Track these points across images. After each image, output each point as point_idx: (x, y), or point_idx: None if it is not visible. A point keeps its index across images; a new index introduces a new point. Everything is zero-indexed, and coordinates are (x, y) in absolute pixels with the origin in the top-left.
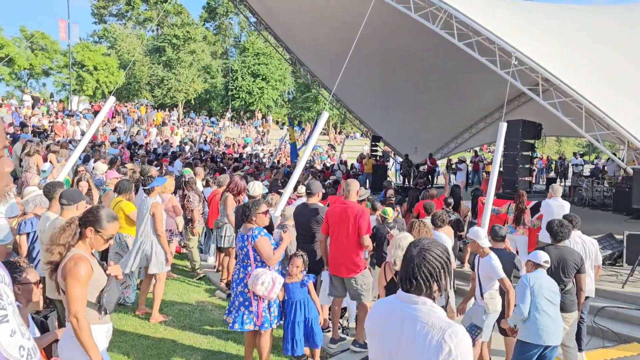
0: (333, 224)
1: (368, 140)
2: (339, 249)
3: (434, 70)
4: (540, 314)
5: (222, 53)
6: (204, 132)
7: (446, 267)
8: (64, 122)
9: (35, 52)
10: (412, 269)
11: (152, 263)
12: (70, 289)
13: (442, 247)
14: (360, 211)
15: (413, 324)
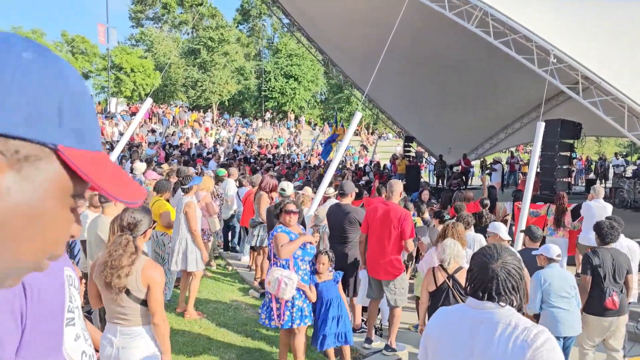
0: (374, 225)
1: (401, 140)
2: (379, 251)
3: (468, 70)
4: (554, 309)
5: (255, 55)
6: (238, 133)
7: (523, 277)
8: (102, 124)
9: (75, 55)
10: (497, 284)
11: (188, 261)
12: (155, 295)
13: (517, 257)
14: (404, 214)
15: (491, 327)
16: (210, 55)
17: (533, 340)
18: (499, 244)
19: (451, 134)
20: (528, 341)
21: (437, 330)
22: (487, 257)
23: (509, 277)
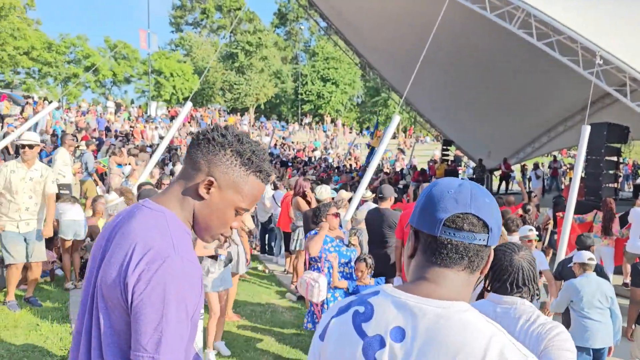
0: (408, 230)
1: (439, 144)
2: None
3: (509, 72)
4: (586, 320)
5: (292, 58)
6: (274, 136)
7: (537, 268)
8: (143, 127)
9: (118, 60)
10: (523, 275)
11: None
12: None
13: (530, 251)
14: None
15: (513, 322)
16: (247, 59)
17: (547, 332)
18: (510, 242)
19: (491, 137)
20: (542, 333)
21: None
22: (509, 250)
23: (530, 268)
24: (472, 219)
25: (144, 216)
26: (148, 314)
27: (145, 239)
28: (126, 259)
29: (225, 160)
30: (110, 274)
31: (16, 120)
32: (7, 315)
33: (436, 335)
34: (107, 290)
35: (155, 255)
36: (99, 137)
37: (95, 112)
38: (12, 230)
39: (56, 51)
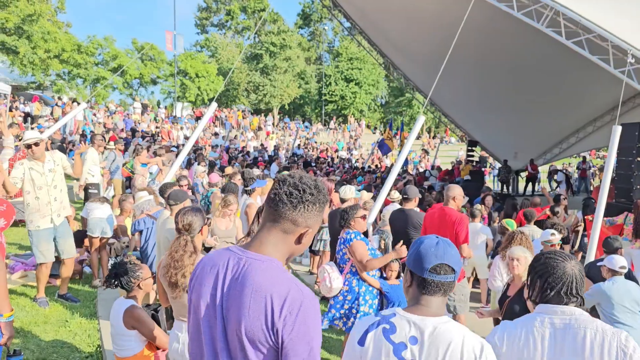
0: (431, 230)
1: (464, 144)
2: None
3: (536, 71)
4: (616, 324)
5: (316, 59)
6: (298, 137)
7: None
8: (169, 128)
9: (144, 62)
10: (576, 284)
11: None
12: None
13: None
14: (459, 218)
15: (578, 333)
16: (272, 60)
17: (625, 345)
18: (554, 249)
19: (517, 138)
20: (625, 350)
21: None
22: (560, 258)
23: (581, 276)
24: (445, 266)
25: (263, 269)
26: (299, 349)
27: (277, 290)
28: (268, 309)
29: (316, 211)
30: (255, 324)
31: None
32: (37, 312)
33: (435, 338)
34: (254, 337)
35: (293, 302)
36: (126, 137)
37: (122, 112)
38: (46, 226)
39: (85, 52)
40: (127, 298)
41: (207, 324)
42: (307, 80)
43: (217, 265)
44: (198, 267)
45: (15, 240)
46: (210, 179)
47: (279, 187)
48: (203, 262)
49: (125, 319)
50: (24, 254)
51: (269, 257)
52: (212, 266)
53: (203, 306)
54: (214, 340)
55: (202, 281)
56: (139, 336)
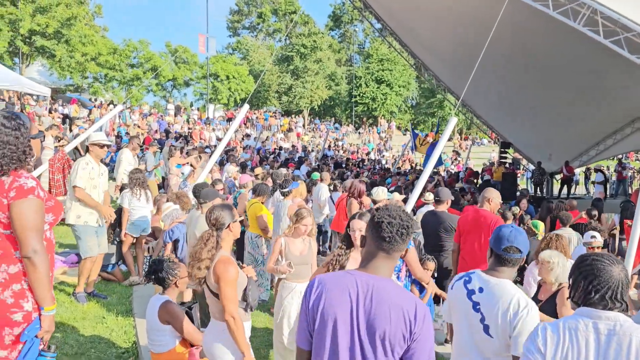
0: (465, 232)
1: (496, 146)
2: (469, 259)
3: (572, 71)
4: None
5: (346, 60)
6: (328, 138)
7: None
8: (201, 129)
9: (178, 65)
10: (622, 289)
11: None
12: (224, 291)
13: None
14: (494, 220)
15: (624, 341)
16: (302, 62)
17: None
18: (607, 254)
19: (552, 140)
20: None
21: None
22: (607, 261)
23: (627, 282)
24: (514, 248)
25: (390, 289)
26: (425, 347)
27: (407, 303)
28: (406, 318)
29: None
30: (397, 331)
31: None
32: (76, 308)
33: (495, 290)
34: (395, 341)
35: (421, 311)
36: (160, 138)
37: (156, 114)
38: (92, 224)
39: (120, 54)
40: (162, 294)
41: (344, 335)
42: (338, 82)
43: (345, 287)
44: (319, 287)
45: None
46: (241, 180)
47: (391, 228)
48: (324, 284)
49: (160, 314)
50: (63, 251)
51: (387, 278)
52: (341, 289)
53: (340, 321)
54: (352, 347)
55: (332, 302)
56: (173, 332)
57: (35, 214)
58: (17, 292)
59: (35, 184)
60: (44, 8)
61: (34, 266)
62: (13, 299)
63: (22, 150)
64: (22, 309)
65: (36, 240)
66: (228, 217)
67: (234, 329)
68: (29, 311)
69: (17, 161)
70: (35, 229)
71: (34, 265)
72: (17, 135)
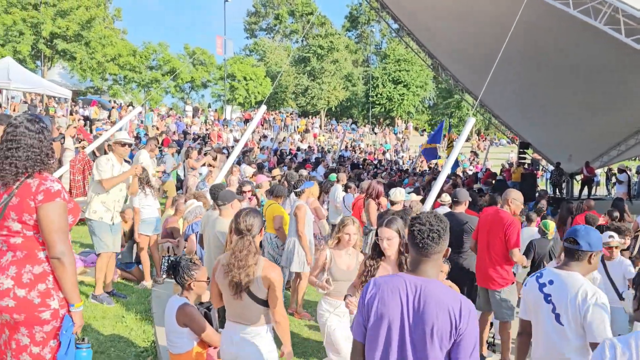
0: (483, 232)
1: (515, 147)
2: (486, 259)
3: (591, 70)
4: None
5: (363, 61)
6: (345, 139)
7: None
8: (219, 130)
9: (196, 66)
10: None
11: (294, 262)
12: (278, 295)
13: None
14: (510, 221)
15: None
16: (319, 62)
17: None
18: None
19: (572, 140)
20: None
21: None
22: None
23: None
24: (573, 240)
25: (436, 289)
26: (468, 343)
27: (452, 302)
28: (452, 314)
29: (448, 235)
30: (444, 327)
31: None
32: (96, 307)
33: (564, 280)
34: (442, 336)
35: (465, 308)
36: (178, 140)
37: (174, 116)
38: (106, 221)
39: (140, 56)
40: (180, 296)
41: (395, 331)
42: (354, 83)
43: (396, 288)
44: (373, 288)
45: (75, 238)
46: (257, 180)
47: (422, 235)
48: (378, 285)
49: (178, 316)
50: (83, 251)
51: (433, 279)
52: (393, 290)
53: (392, 318)
54: (403, 342)
55: (385, 301)
56: (190, 333)
57: (62, 216)
58: (42, 291)
59: (60, 187)
60: (65, 11)
61: (62, 266)
62: (40, 299)
63: (45, 153)
64: (49, 308)
65: (64, 242)
66: (259, 223)
67: (286, 327)
68: (56, 309)
69: (40, 163)
70: (63, 231)
71: (63, 265)
72: (41, 139)
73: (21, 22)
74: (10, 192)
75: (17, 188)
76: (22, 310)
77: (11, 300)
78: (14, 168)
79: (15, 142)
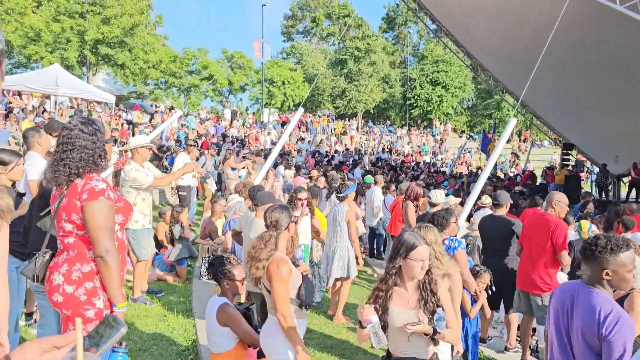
0: (528, 235)
1: (558, 148)
2: (529, 262)
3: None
4: None
5: (400, 62)
6: (382, 141)
7: None
8: (257, 133)
9: (234, 70)
10: None
11: (336, 267)
12: (276, 290)
13: None
14: (556, 224)
15: None
16: (356, 65)
17: None
18: None
19: (619, 141)
20: None
21: None
22: None
23: None
24: None
25: (590, 293)
26: (615, 347)
27: (599, 305)
28: (597, 318)
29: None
30: (589, 328)
31: (146, 127)
32: (139, 306)
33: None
34: (589, 339)
35: (614, 315)
36: (217, 142)
37: (213, 119)
38: (147, 226)
39: (180, 62)
40: (220, 296)
41: (554, 326)
42: (392, 84)
43: (562, 291)
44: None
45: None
46: (295, 183)
47: (581, 250)
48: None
49: (218, 316)
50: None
51: (589, 285)
52: (560, 292)
53: (553, 316)
54: (561, 339)
55: (552, 302)
56: (231, 333)
57: (106, 214)
58: (89, 290)
59: (105, 186)
60: (109, 19)
61: (106, 265)
62: (86, 297)
63: (98, 155)
64: (94, 306)
65: (108, 240)
66: (286, 218)
67: (285, 326)
68: (101, 308)
69: (92, 164)
70: (107, 229)
71: (107, 263)
72: (94, 140)
73: (69, 30)
74: (61, 192)
75: (66, 189)
76: (70, 306)
77: (60, 295)
78: (67, 169)
79: (70, 144)
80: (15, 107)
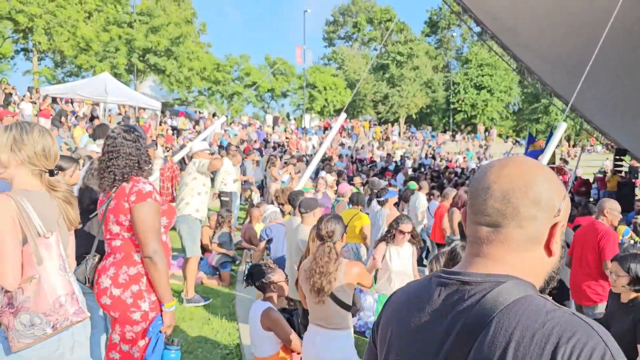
0: (578, 245)
1: (610, 153)
2: (579, 274)
3: None
4: None
5: (443, 66)
6: (424, 147)
7: None
8: (298, 138)
9: (276, 76)
10: None
11: None
12: (362, 281)
13: None
14: (604, 232)
15: None
16: (398, 69)
17: None
18: None
19: None
20: None
21: None
22: None
23: None
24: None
25: None
26: None
27: None
28: None
29: None
30: None
31: (190, 133)
32: (184, 309)
33: None
34: None
35: None
36: (259, 148)
37: (255, 125)
38: (203, 220)
39: (223, 70)
40: (263, 300)
41: None
42: (435, 89)
43: None
44: None
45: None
46: (340, 189)
47: None
48: None
49: (262, 320)
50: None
51: None
52: None
53: None
54: None
55: None
56: (274, 338)
57: (154, 216)
58: (135, 292)
59: (152, 189)
60: (156, 28)
61: (155, 265)
62: (132, 299)
63: (143, 160)
64: (140, 309)
65: (156, 241)
66: (341, 229)
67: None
68: (146, 311)
69: (137, 169)
70: (155, 231)
71: (155, 264)
72: (138, 147)
73: (117, 39)
74: (109, 196)
75: (114, 192)
76: (117, 308)
77: (108, 298)
78: (112, 176)
79: (115, 152)
80: (69, 114)
